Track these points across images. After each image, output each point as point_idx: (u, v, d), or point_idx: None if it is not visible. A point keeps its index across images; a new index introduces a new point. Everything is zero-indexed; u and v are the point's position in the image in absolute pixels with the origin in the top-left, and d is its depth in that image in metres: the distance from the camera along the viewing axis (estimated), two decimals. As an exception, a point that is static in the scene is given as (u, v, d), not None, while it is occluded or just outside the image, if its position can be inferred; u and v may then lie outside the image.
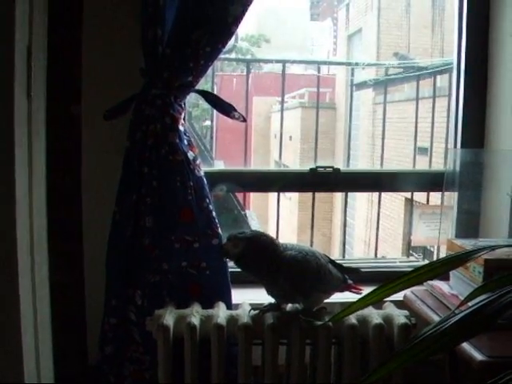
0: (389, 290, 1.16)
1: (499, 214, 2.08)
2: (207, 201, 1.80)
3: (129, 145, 1.79)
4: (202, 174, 1.81)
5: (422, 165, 3.40)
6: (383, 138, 2.90)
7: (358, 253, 7.73)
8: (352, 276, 1.79)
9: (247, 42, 12.70)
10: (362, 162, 8.01)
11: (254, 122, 10.26)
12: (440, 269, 1.22)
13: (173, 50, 1.73)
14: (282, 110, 3.04)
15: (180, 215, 1.78)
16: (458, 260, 1.26)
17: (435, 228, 2.21)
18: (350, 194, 3.74)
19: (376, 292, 1.16)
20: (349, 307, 1.20)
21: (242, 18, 1.74)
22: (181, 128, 1.78)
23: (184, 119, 1.84)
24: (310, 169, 2.16)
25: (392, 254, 6.71)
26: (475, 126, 2.19)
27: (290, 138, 9.45)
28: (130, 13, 1.82)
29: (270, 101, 9.82)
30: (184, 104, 1.83)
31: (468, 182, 2.16)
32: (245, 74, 2.64)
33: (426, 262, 2.42)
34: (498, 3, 2.15)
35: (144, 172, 1.77)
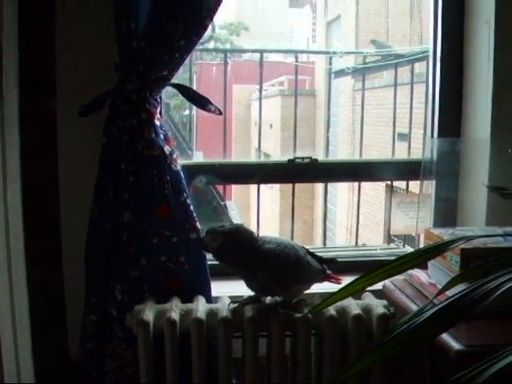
0: (366, 281, 1.17)
1: (476, 202, 2.09)
2: (184, 195, 1.79)
3: (105, 140, 1.77)
4: (179, 168, 1.81)
5: (401, 151, 3.41)
6: (362, 126, 2.91)
7: (341, 239, 7.78)
8: (331, 266, 1.80)
9: (226, 30, 12.67)
10: (343, 149, 8.04)
11: (234, 111, 10.27)
12: (417, 260, 1.23)
13: (147, 44, 1.71)
14: (260, 101, 3.04)
15: (157, 210, 1.77)
16: (435, 250, 1.28)
17: (414, 216, 2.22)
18: (331, 180, 3.73)
19: (354, 283, 1.17)
20: (327, 299, 1.20)
21: (216, 11, 1.73)
22: (157, 122, 1.77)
23: (160, 113, 1.83)
24: (288, 160, 2.16)
25: (374, 241, 6.76)
26: (452, 115, 2.19)
27: (271, 126, 9.46)
28: (103, 6, 1.79)
29: (249, 89, 9.81)
30: (160, 98, 1.82)
31: (445, 171, 2.17)
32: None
33: (407, 248, 2.45)
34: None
35: (121, 168, 1.76)
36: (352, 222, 6.19)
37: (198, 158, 3.17)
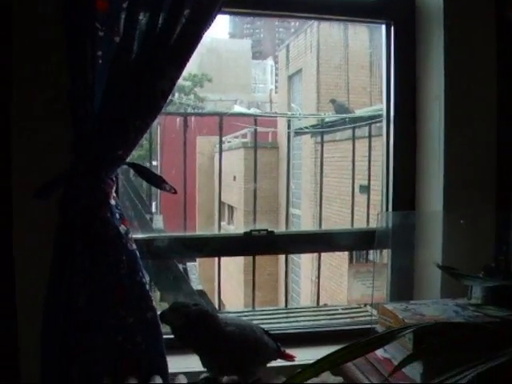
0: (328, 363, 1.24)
1: (431, 274, 2.12)
2: (140, 274, 1.78)
3: (60, 221, 1.76)
4: (135, 247, 1.80)
5: (363, 203, 3.44)
6: (321, 195, 2.95)
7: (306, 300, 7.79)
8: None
9: (190, 82, 12.80)
10: (305, 202, 8.09)
11: (198, 162, 10.33)
12: (370, 347, 1.29)
13: (102, 125, 1.72)
14: (220, 156, 3.08)
15: (113, 291, 1.75)
16: (384, 339, 1.32)
17: (371, 286, 2.24)
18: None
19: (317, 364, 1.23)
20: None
21: (170, 92, 1.76)
22: (112, 202, 1.77)
23: (116, 192, 1.84)
24: (244, 233, 2.18)
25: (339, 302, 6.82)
26: (405, 187, 2.25)
27: (234, 178, 9.49)
28: (58, 87, 1.80)
29: (213, 140, 9.87)
30: (115, 177, 1.82)
31: (401, 242, 2.20)
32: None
33: (368, 308, 2.47)
34: (426, 64, 2.23)
35: (76, 249, 1.74)
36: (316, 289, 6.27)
37: (158, 222, 3.17)
